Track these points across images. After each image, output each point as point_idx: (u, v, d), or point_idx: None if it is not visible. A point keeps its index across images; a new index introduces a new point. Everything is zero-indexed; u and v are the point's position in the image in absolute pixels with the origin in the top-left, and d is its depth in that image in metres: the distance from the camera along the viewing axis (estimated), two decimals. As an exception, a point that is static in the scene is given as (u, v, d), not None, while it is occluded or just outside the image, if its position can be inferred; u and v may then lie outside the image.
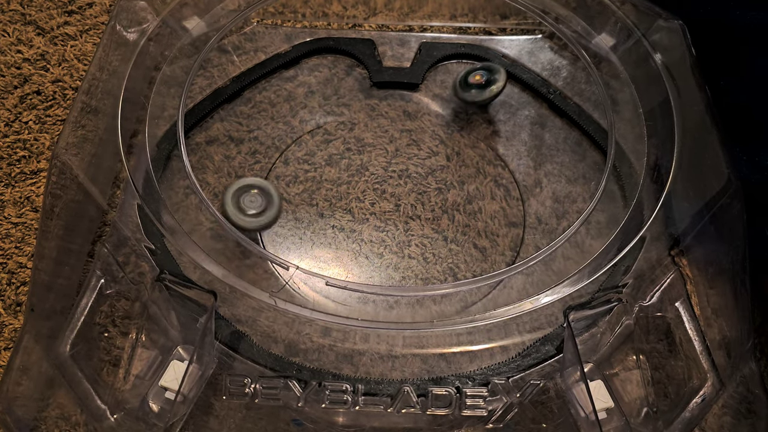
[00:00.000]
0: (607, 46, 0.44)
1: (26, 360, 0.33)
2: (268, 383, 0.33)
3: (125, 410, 0.32)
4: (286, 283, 0.37)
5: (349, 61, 0.47)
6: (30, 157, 0.43)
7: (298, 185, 0.42)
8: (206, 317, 0.34)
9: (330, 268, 0.40)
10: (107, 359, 0.36)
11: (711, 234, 0.37)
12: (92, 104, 0.40)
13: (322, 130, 0.44)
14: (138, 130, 0.42)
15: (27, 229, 0.41)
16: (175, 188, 0.41)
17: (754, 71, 0.40)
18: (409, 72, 0.46)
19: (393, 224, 0.41)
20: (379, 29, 0.48)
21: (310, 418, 0.34)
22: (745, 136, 0.39)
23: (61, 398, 0.34)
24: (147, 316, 0.35)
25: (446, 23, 0.48)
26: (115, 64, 0.41)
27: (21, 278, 0.39)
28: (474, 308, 0.38)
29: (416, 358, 0.36)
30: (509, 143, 0.44)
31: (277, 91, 0.46)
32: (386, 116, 0.45)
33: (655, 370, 0.35)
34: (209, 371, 0.33)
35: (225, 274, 0.36)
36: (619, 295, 0.35)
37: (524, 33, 0.48)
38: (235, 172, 0.42)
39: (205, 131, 0.44)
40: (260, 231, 0.39)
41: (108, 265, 0.36)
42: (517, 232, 0.41)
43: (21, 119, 0.44)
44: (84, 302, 0.34)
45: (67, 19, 0.48)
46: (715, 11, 0.42)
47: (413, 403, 0.33)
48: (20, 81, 0.46)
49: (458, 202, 0.42)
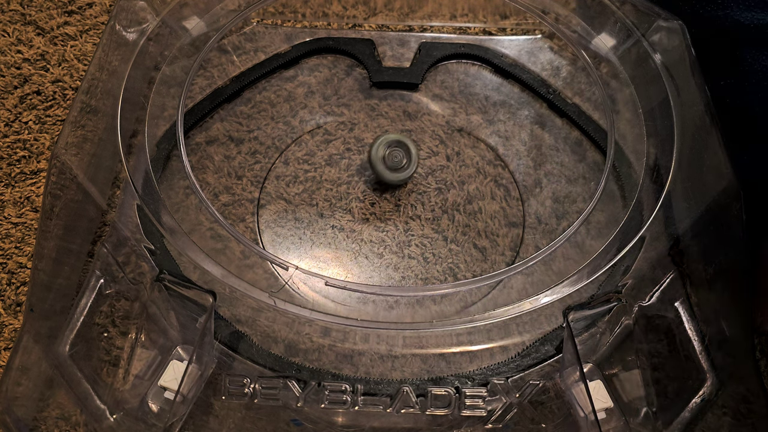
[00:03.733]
0: (606, 46, 0.44)
1: (26, 360, 0.33)
2: (267, 383, 0.33)
3: (125, 410, 0.33)
4: (285, 283, 0.37)
5: (349, 61, 0.47)
6: (30, 157, 0.43)
7: (298, 185, 0.42)
8: (206, 317, 0.34)
9: (330, 268, 0.40)
10: (107, 359, 0.36)
11: (710, 234, 0.37)
12: (92, 104, 0.40)
13: (322, 130, 0.44)
14: (137, 130, 0.42)
15: (27, 229, 0.41)
16: (174, 188, 0.41)
17: (754, 71, 0.40)
18: (409, 72, 0.46)
19: (393, 224, 0.41)
20: (379, 29, 0.48)
21: (309, 418, 0.34)
22: (745, 136, 0.39)
23: (60, 398, 0.34)
24: (146, 316, 0.35)
25: (446, 23, 0.48)
26: (114, 64, 0.41)
27: (21, 278, 0.39)
28: (474, 308, 0.38)
29: (416, 358, 0.36)
30: (509, 143, 0.44)
31: (277, 91, 0.46)
32: (386, 116, 0.45)
33: (654, 370, 0.35)
34: (209, 371, 0.33)
35: (224, 274, 0.36)
36: (619, 295, 0.35)
37: (524, 33, 0.48)
38: (235, 172, 0.42)
39: (204, 131, 0.44)
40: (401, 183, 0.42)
41: (107, 265, 0.36)
42: (517, 232, 0.41)
43: (21, 119, 0.44)
44: (83, 302, 0.35)
45: (67, 19, 0.48)
46: (714, 11, 0.42)
47: (413, 403, 0.33)
48: (20, 81, 0.46)
49: (458, 202, 0.42)
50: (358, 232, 0.41)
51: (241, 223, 0.41)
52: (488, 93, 0.46)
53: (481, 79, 0.46)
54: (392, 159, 0.40)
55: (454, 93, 0.46)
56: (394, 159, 0.40)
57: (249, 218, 0.41)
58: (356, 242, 0.40)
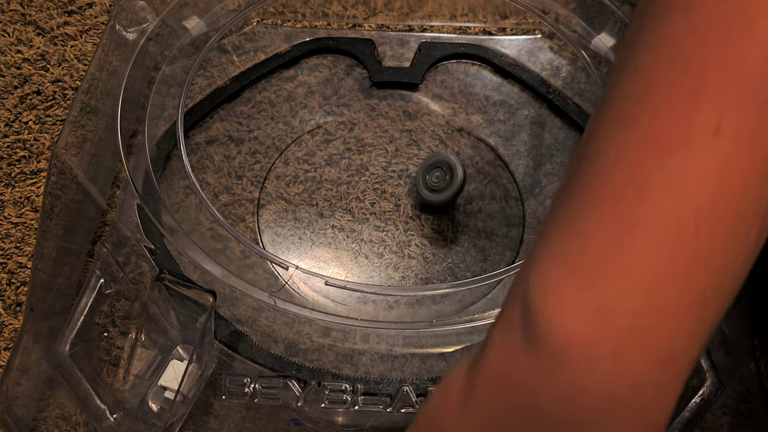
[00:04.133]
0: (606, 46, 0.44)
1: (26, 360, 0.33)
2: (267, 383, 0.33)
3: (125, 410, 0.33)
4: (285, 282, 0.37)
5: (349, 61, 0.47)
6: (30, 157, 0.43)
7: (298, 185, 0.42)
8: (206, 317, 0.34)
9: (330, 268, 0.40)
10: (107, 359, 0.36)
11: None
12: (92, 104, 0.40)
13: (322, 130, 0.44)
14: (138, 130, 0.42)
15: (27, 229, 0.41)
16: (174, 188, 0.41)
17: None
18: (409, 72, 0.46)
19: (393, 224, 0.41)
20: (379, 29, 0.48)
21: (309, 418, 0.34)
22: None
23: (60, 398, 0.34)
24: (147, 316, 0.35)
25: (446, 23, 0.48)
26: (114, 64, 0.41)
27: (21, 278, 0.39)
28: (474, 308, 0.38)
29: (416, 358, 0.37)
30: (509, 143, 0.44)
31: (277, 91, 0.46)
32: (386, 116, 0.45)
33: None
34: (209, 371, 0.33)
35: (225, 274, 0.36)
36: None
37: (524, 33, 0.48)
38: (235, 172, 0.42)
39: (205, 131, 0.44)
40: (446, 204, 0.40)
41: (108, 265, 0.36)
42: (517, 232, 0.41)
43: (21, 119, 0.44)
44: (84, 302, 0.35)
45: (67, 19, 0.48)
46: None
47: (412, 402, 0.33)
48: (20, 81, 0.46)
49: (458, 202, 0.42)
50: (358, 232, 0.41)
51: (241, 223, 0.41)
52: (488, 93, 0.46)
53: (481, 79, 0.46)
54: (432, 180, 0.39)
55: (454, 93, 0.46)
56: (434, 180, 0.39)
57: (249, 218, 0.41)
58: (356, 242, 0.40)
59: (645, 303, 0.20)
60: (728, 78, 0.19)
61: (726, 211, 0.19)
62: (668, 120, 0.20)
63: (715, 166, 0.19)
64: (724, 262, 0.20)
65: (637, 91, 0.21)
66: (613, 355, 0.20)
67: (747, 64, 0.19)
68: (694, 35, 0.20)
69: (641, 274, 0.20)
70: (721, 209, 0.19)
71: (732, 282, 0.21)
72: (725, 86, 0.19)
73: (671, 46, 0.21)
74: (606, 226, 0.20)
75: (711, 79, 0.20)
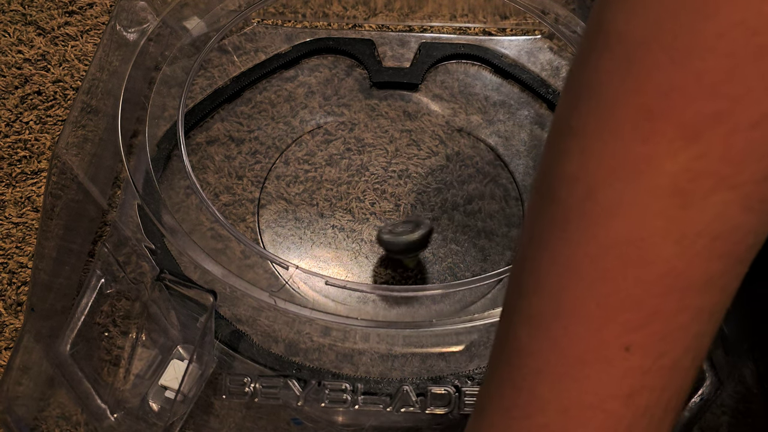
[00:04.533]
0: (606, 47, 0.44)
1: (26, 359, 0.33)
2: (267, 382, 0.33)
3: (125, 409, 0.33)
4: (286, 282, 0.38)
5: (349, 61, 0.47)
6: (31, 157, 0.43)
7: (299, 185, 0.42)
8: (206, 317, 0.34)
9: (330, 268, 0.40)
10: (107, 359, 0.36)
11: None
12: (92, 104, 0.40)
13: (323, 130, 0.44)
14: (138, 130, 0.42)
15: (28, 229, 0.41)
16: (175, 188, 0.42)
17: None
18: (409, 72, 0.46)
19: (393, 224, 0.41)
20: (379, 29, 0.48)
21: (309, 418, 0.34)
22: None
23: (61, 398, 0.34)
24: (147, 316, 0.35)
25: (446, 23, 0.48)
26: (115, 64, 0.41)
27: (22, 278, 0.39)
28: (473, 308, 0.38)
29: (415, 358, 0.37)
30: (509, 143, 0.44)
31: (277, 91, 0.46)
32: (386, 116, 0.45)
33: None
34: (209, 370, 0.34)
35: (225, 274, 0.36)
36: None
37: (524, 33, 0.48)
38: (235, 172, 0.43)
39: (205, 131, 0.44)
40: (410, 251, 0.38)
41: (108, 264, 0.36)
42: (517, 232, 0.41)
43: (22, 119, 0.44)
44: (84, 302, 0.35)
45: (67, 20, 0.48)
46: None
47: (412, 402, 0.33)
48: (21, 81, 0.46)
49: (458, 202, 0.42)
50: (359, 232, 0.41)
51: (241, 223, 0.41)
52: (488, 93, 0.46)
53: (481, 79, 0.46)
54: (398, 228, 0.37)
55: (454, 93, 0.46)
56: (399, 228, 0.37)
57: (249, 218, 0.41)
58: (356, 242, 0.41)
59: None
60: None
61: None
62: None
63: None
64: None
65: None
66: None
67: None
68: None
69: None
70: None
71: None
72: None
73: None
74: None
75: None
